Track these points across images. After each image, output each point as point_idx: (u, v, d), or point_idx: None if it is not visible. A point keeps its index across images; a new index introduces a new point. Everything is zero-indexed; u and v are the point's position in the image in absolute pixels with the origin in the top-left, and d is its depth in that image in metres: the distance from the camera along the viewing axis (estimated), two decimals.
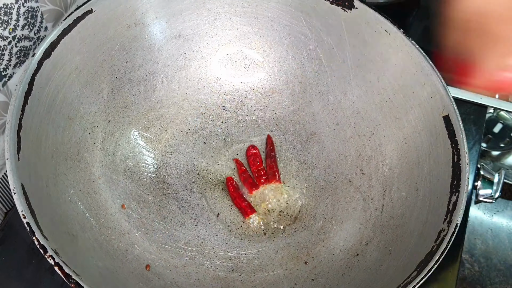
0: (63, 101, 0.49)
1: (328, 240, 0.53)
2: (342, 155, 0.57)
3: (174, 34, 0.57)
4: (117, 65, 0.54)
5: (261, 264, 0.51)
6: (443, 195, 0.46)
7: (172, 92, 0.59)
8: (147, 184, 0.55)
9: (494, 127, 1.26)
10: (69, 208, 0.46)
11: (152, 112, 0.58)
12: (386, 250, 0.49)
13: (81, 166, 0.50)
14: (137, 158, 0.56)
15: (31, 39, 0.54)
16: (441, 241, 0.43)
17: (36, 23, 0.54)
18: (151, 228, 0.52)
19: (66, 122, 0.50)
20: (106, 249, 0.47)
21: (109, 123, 0.54)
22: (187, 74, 0.59)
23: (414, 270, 0.43)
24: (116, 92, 0.55)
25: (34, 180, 0.43)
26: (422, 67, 0.51)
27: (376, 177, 0.54)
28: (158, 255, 0.50)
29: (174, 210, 0.54)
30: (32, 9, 0.53)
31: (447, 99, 0.49)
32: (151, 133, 0.57)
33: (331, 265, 0.51)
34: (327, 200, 0.55)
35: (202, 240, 0.52)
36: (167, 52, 0.58)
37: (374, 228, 0.51)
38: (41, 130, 0.46)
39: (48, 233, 0.40)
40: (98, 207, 0.50)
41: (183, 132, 0.59)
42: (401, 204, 0.51)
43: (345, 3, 0.54)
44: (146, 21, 0.55)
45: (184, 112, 0.59)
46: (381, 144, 0.54)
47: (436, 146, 0.49)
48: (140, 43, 0.56)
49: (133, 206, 0.52)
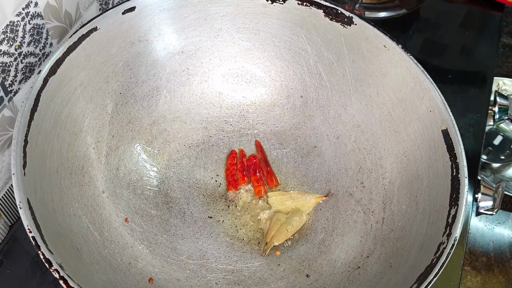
0: (68, 116, 0.50)
1: (329, 253, 0.53)
2: (342, 168, 0.58)
3: (177, 50, 0.58)
4: (121, 81, 0.55)
5: (263, 277, 0.52)
6: (442, 208, 0.47)
7: (175, 107, 0.60)
8: (150, 198, 0.55)
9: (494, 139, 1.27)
10: (74, 222, 0.47)
11: (155, 127, 0.59)
12: (386, 262, 0.49)
13: (85, 180, 0.51)
14: (140, 172, 0.56)
15: (37, 55, 0.55)
16: (440, 254, 0.43)
17: (41, 40, 0.55)
18: (154, 242, 0.52)
19: (71, 137, 0.50)
20: (109, 263, 0.48)
21: (113, 137, 0.55)
22: (190, 89, 0.60)
23: (414, 283, 0.43)
24: (120, 108, 0.56)
25: (40, 195, 0.44)
26: (420, 82, 0.52)
27: (377, 190, 0.54)
28: (161, 269, 0.50)
29: (177, 223, 0.54)
30: (38, 26, 0.54)
31: (446, 113, 0.50)
32: (154, 147, 0.58)
33: (332, 278, 0.51)
34: (328, 213, 0.56)
35: (205, 253, 0.53)
36: (170, 67, 0.59)
37: (375, 241, 0.52)
38: (47, 146, 0.47)
39: (53, 247, 0.40)
40: (102, 220, 0.50)
41: (186, 146, 0.60)
42: (401, 217, 0.51)
43: (345, 19, 0.55)
44: (150, 38, 0.56)
45: (186, 126, 0.60)
46: (381, 158, 0.55)
47: (435, 159, 0.50)
48: (143, 59, 0.57)
49: (136, 220, 0.53)
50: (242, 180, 0.58)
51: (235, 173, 0.58)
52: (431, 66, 0.52)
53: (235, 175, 0.58)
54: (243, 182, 0.58)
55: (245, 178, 0.58)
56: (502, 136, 1.27)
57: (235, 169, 0.58)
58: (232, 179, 0.57)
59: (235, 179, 0.58)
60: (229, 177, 0.58)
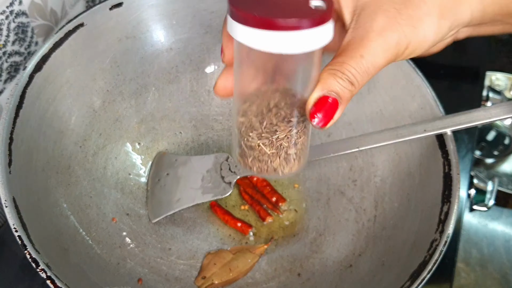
0: (54, 114, 0.49)
1: (321, 252, 0.52)
2: (334, 166, 0.57)
3: (165, 47, 0.58)
4: (109, 78, 0.54)
5: (254, 277, 0.51)
6: (434, 205, 0.46)
7: (164, 105, 0.59)
8: (138, 197, 0.54)
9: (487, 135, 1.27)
10: (61, 221, 0.46)
11: (144, 125, 0.58)
12: (379, 261, 0.49)
13: (72, 179, 0.50)
14: (129, 171, 0.55)
15: (22, 54, 0.54)
16: (433, 251, 0.43)
17: (26, 38, 0.54)
18: (143, 242, 0.51)
19: (57, 136, 0.50)
20: (97, 263, 0.47)
21: (100, 136, 0.54)
22: (179, 87, 0.59)
23: (407, 281, 0.43)
24: (107, 106, 0.55)
25: (26, 194, 0.43)
26: (412, 79, 0.52)
27: (368, 188, 0.54)
28: (150, 269, 0.50)
29: (166, 222, 0.54)
30: (23, 25, 0.53)
31: (437, 110, 0.49)
32: (143, 146, 0.57)
33: (324, 277, 0.50)
34: (320, 212, 0.55)
35: (195, 253, 0.52)
36: (159, 65, 0.58)
37: (367, 239, 0.51)
38: (33, 144, 0.46)
39: (40, 246, 0.40)
40: (89, 220, 0.49)
41: (175, 145, 0.59)
42: (393, 215, 0.51)
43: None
44: (138, 34, 0.55)
45: (175, 124, 0.59)
46: (373, 155, 0.55)
47: (427, 156, 0.49)
48: (131, 56, 0.56)
49: (125, 220, 0.52)
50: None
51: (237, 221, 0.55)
52: (423, 62, 0.52)
53: (237, 221, 0.55)
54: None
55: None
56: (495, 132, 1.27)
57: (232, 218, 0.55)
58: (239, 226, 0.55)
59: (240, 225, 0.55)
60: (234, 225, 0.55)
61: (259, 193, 0.56)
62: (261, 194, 0.56)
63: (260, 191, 0.56)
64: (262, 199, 0.56)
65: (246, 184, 0.56)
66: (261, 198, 0.56)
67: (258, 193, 0.56)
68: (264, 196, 0.56)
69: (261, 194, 0.56)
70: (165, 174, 0.55)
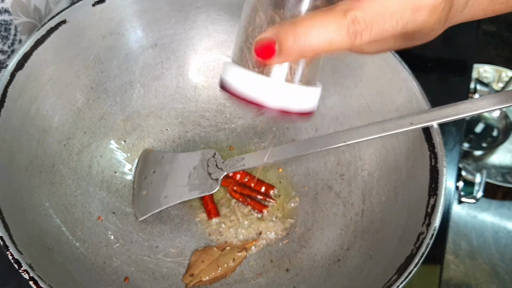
0: (37, 112, 0.49)
1: (309, 246, 0.52)
2: (321, 161, 0.57)
3: (150, 43, 0.57)
4: (92, 75, 0.54)
5: (243, 273, 0.51)
6: (421, 198, 0.46)
7: (149, 101, 0.58)
8: (124, 196, 0.54)
9: (475, 127, 1.27)
10: (44, 221, 0.46)
11: (129, 123, 0.57)
12: (366, 255, 0.49)
13: (56, 179, 0.49)
14: (114, 169, 0.55)
15: (5, 53, 0.53)
16: (420, 244, 0.43)
17: (10, 36, 0.53)
18: (129, 240, 0.51)
19: (41, 134, 0.49)
20: (83, 263, 0.47)
21: (85, 134, 0.53)
22: (164, 83, 0.59)
23: (394, 274, 0.43)
24: (92, 103, 0.54)
25: (8, 194, 0.43)
26: (398, 72, 0.51)
27: (356, 182, 0.54)
28: (137, 267, 0.49)
29: (153, 220, 0.53)
30: (6, 22, 0.52)
31: (424, 103, 0.49)
32: (128, 143, 0.57)
33: (313, 271, 0.50)
34: (308, 207, 0.55)
35: (182, 251, 0.52)
36: (144, 61, 0.57)
37: (355, 233, 0.51)
38: (15, 143, 0.46)
39: (22, 247, 0.39)
40: (74, 220, 0.49)
41: (161, 142, 0.58)
42: (380, 209, 0.51)
43: None
44: (122, 30, 0.55)
45: (161, 121, 0.59)
46: (360, 150, 0.54)
47: (414, 150, 0.49)
48: (115, 53, 0.55)
49: (111, 218, 0.52)
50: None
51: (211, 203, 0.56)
52: (410, 55, 0.52)
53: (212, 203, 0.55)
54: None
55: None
56: (483, 124, 1.27)
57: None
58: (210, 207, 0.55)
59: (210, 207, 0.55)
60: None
61: (247, 188, 0.56)
62: (250, 189, 0.56)
63: (248, 185, 0.56)
64: (252, 193, 0.55)
65: (231, 183, 0.56)
66: (251, 192, 0.55)
67: (246, 188, 0.56)
68: (253, 190, 0.56)
69: (250, 189, 0.56)
70: (152, 172, 0.55)
